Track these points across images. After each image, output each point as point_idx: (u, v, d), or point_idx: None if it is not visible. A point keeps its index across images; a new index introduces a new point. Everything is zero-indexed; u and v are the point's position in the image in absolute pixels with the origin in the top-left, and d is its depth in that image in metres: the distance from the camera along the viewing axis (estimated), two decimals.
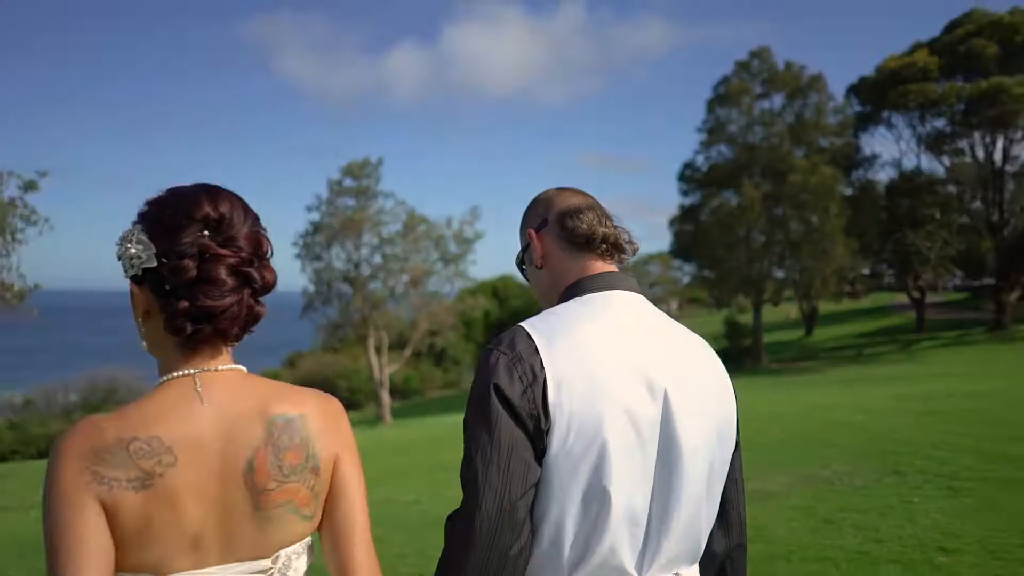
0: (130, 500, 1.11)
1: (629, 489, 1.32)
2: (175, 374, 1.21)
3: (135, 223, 1.22)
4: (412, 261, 23.74)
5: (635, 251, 1.57)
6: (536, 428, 1.30)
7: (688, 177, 36.63)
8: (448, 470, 10.59)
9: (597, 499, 1.30)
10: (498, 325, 41.64)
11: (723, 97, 34.91)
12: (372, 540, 1.31)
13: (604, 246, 1.52)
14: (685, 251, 37.05)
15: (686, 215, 36.53)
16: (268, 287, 1.25)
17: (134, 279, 1.22)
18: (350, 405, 35.87)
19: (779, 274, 35.79)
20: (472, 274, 25.77)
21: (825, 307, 44.05)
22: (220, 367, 1.23)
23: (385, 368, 24.76)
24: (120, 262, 1.20)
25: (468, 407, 1.35)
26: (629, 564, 1.34)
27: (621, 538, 1.32)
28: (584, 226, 1.51)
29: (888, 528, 5.79)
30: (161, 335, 1.22)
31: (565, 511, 1.31)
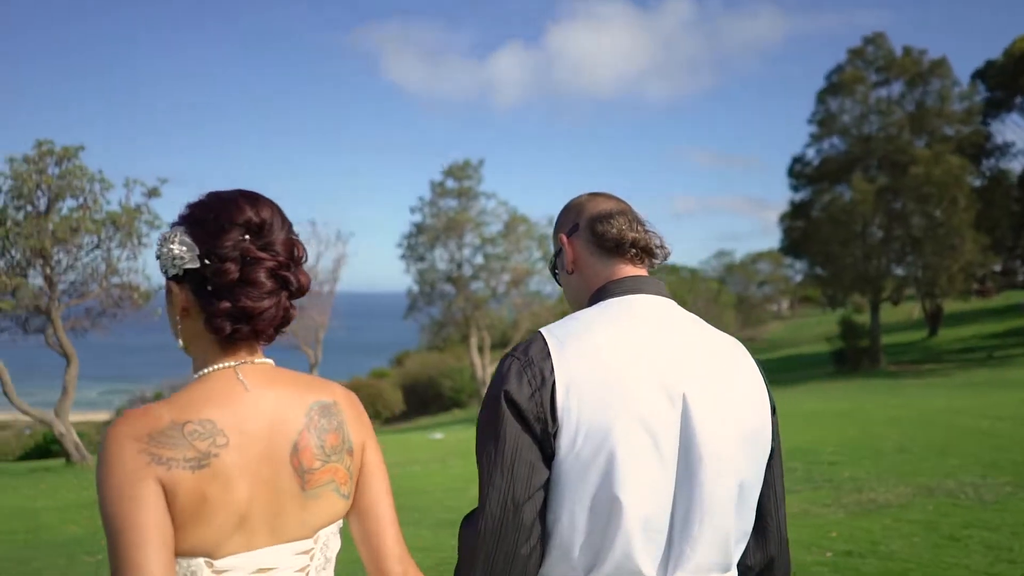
0: (187, 480, 1.15)
1: (643, 494, 1.31)
2: (216, 366, 1.26)
3: (176, 224, 1.27)
4: (513, 261, 23.82)
5: (666, 256, 1.58)
6: (543, 431, 1.31)
7: (798, 172, 35.27)
8: None
9: (606, 503, 1.30)
10: None
11: (835, 87, 33.37)
12: (398, 522, 1.41)
13: (634, 250, 1.53)
14: (796, 248, 35.71)
15: (797, 211, 35.20)
16: (302, 290, 1.30)
17: (174, 278, 1.26)
18: (454, 404, 36.35)
19: (899, 271, 33.94)
20: None
21: (951, 306, 41.48)
22: (256, 360, 1.29)
23: (487, 367, 24.95)
24: (159, 260, 1.25)
25: (480, 411, 1.38)
26: (649, 569, 1.33)
27: (636, 543, 1.31)
28: (614, 231, 1.52)
29: None
30: (198, 332, 1.28)
31: (575, 514, 1.31)
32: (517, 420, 1.32)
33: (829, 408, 16.08)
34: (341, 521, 1.37)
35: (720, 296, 50.37)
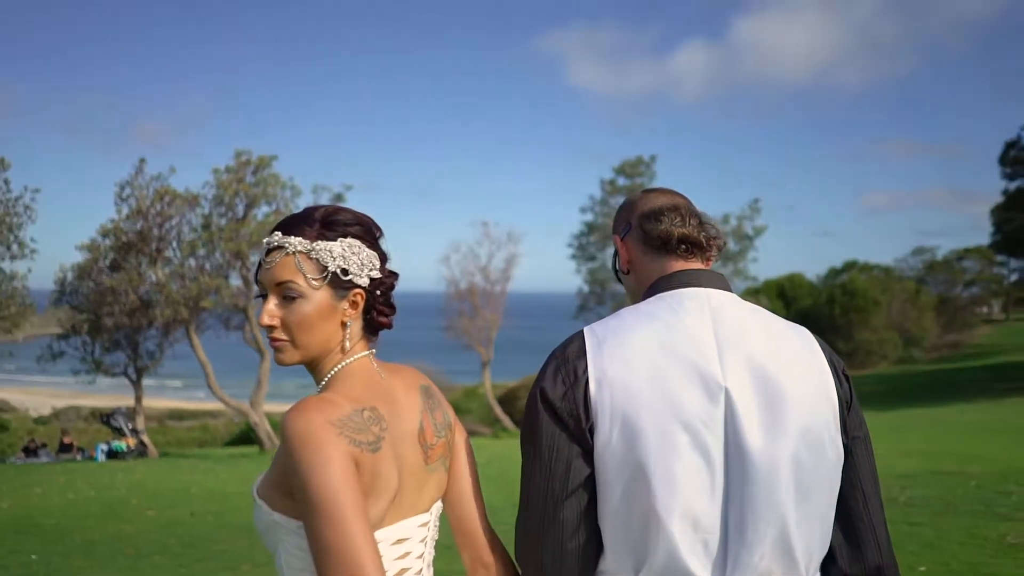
0: (368, 461, 1.24)
1: (683, 492, 1.28)
2: (361, 354, 1.39)
3: (343, 236, 1.37)
4: None
5: (720, 248, 1.55)
6: (578, 428, 1.32)
7: (1013, 159, 31.62)
8: None
9: (642, 500, 1.29)
10: None
11: None
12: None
13: (683, 246, 1.50)
14: (1011, 243, 32.04)
15: (1012, 202, 31.55)
16: None
17: (352, 283, 1.36)
18: None
19: None
20: (753, 272, 24.24)
21: None
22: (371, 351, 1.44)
23: None
24: (348, 267, 1.35)
25: (524, 414, 1.41)
26: (700, 571, 1.29)
27: (681, 543, 1.28)
28: (661, 228, 1.50)
29: None
30: (338, 327, 1.38)
31: (615, 511, 1.32)
32: (552, 418, 1.34)
33: None
34: None
35: (919, 297, 46.17)
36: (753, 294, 28.56)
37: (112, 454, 19.00)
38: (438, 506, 1.44)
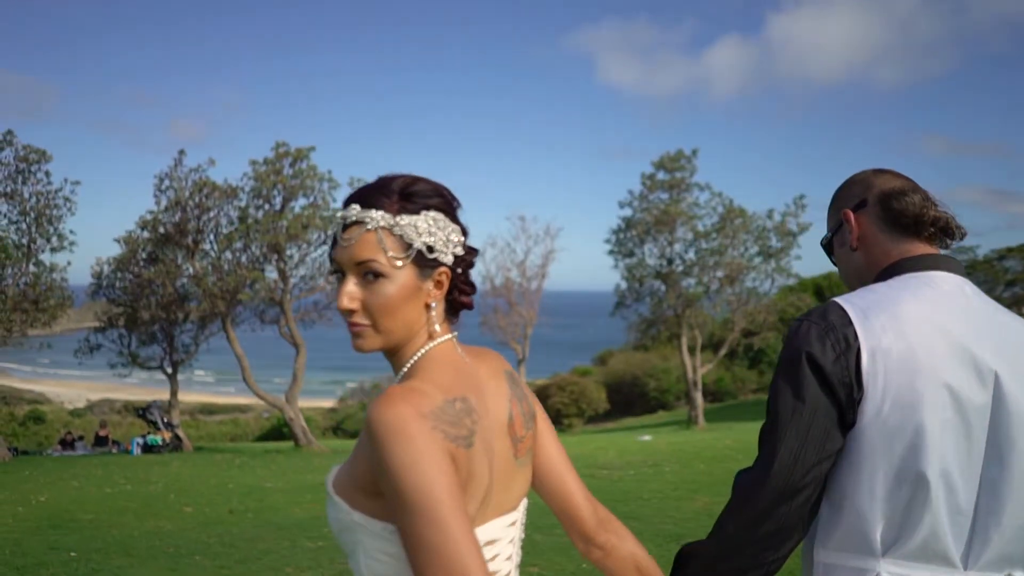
0: (462, 456, 1.14)
1: (951, 474, 1.28)
2: (444, 338, 1.27)
3: (425, 209, 1.23)
4: (728, 256, 22.42)
5: (963, 236, 1.50)
6: (848, 397, 1.30)
7: None
8: None
9: (912, 478, 1.28)
10: None
11: None
12: None
13: (932, 229, 1.47)
14: None
15: None
16: None
17: (437, 261, 1.24)
18: (659, 405, 35.37)
19: None
20: (795, 270, 23.64)
21: None
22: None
23: (699, 368, 23.77)
24: (433, 243, 1.23)
25: (776, 373, 1.36)
26: (954, 553, 1.30)
27: (943, 524, 1.28)
28: (912, 208, 1.46)
29: None
30: (421, 309, 1.26)
31: (875, 485, 1.29)
32: (820, 384, 1.31)
33: None
34: None
35: None
36: (792, 291, 27.91)
37: (147, 448, 19.01)
38: (525, 503, 1.35)
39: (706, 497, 8.85)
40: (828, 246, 1.63)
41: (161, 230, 19.19)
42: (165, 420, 19.81)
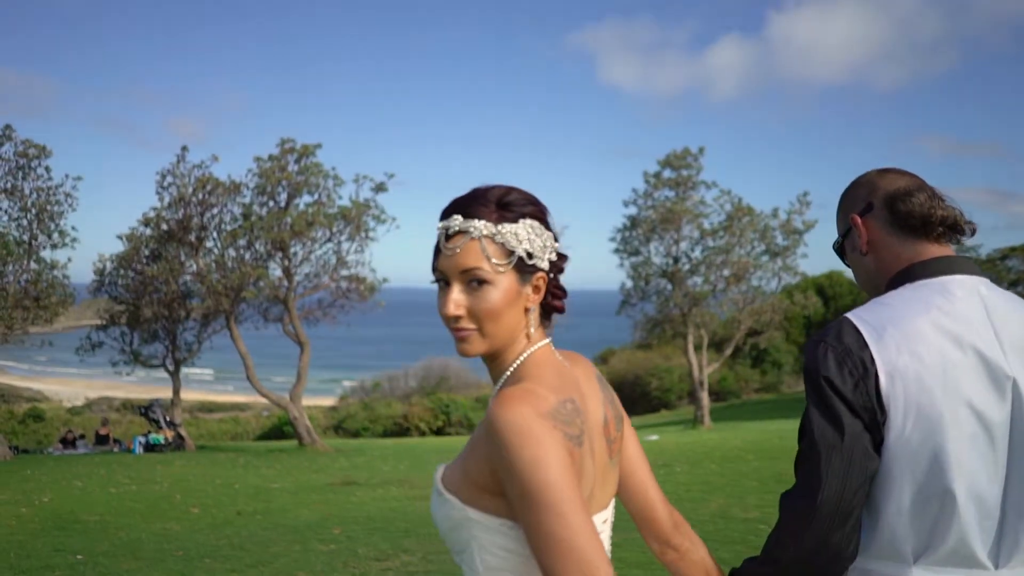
0: (576, 454, 1.19)
1: (978, 484, 1.31)
2: (543, 342, 1.32)
3: (522, 217, 1.28)
4: (735, 255, 22.26)
5: (973, 231, 1.48)
6: (872, 420, 1.32)
7: None
8: (790, 484, 9.35)
9: (938, 490, 1.30)
10: (820, 325, 38.50)
11: None
12: None
13: (940, 228, 1.45)
14: None
15: None
16: None
17: (536, 267, 1.29)
18: (662, 404, 35.23)
19: None
20: (802, 268, 23.49)
21: None
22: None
23: (705, 368, 23.61)
24: (532, 249, 1.28)
25: (808, 397, 1.37)
26: (983, 555, 1.33)
27: (971, 529, 1.31)
28: (918, 208, 1.45)
29: None
30: (522, 314, 1.30)
31: (903, 501, 1.32)
32: (847, 409, 1.32)
33: None
34: None
35: None
36: (802, 290, 27.73)
37: (150, 447, 18.83)
38: (614, 502, 1.40)
39: (720, 499, 8.68)
40: (840, 250, 1.63)
41: (164, 227, 19.00)
42: (167, 419, 19.63)
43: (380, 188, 19.06)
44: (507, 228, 1.27)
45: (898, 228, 1.47)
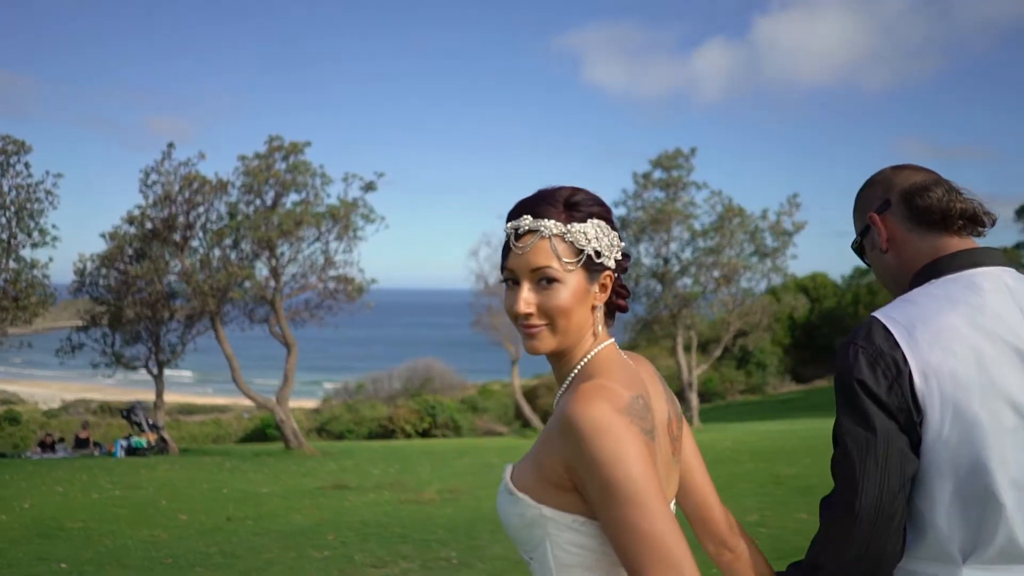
0: (650, 450, 1.20)
1: (1018, 475, 1.29)
2: (609, 341, 1.35)
3: (589, 217, 1.31)
4: (725, 256, 22.21)
5: (993, 222, 1.48)
6: (908, 421, 1.31)
7: None
8: (787, 487, 9.26)
9: (982, 493, 1.29)
10: (804, 326, 38.61)
11: None
12: None
13: (961, 222, 1.44)
14: None
15: None
16: None
17: (603, 265, 1.31)
18: None
19: None
20: (791, 270, 23.52)
21: None
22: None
23: (694, 369, 23.54)
24: (600, 248, 1.30)
25: (838, 401, 1.36)
26: None
27: (1018, 526, 1.29)
28: (937, 203, 1.44)
29: None
30: (589, 312, 1.32)
31: (948, 501, 1.31)
32: (881, 412, 1.31)
33: None
34: None
35: None
36: (791, 291, 27.73)
37: (131, 450, 18.46)
38: (674, 501, 1.40)
39: None
40: (859, 249, 1.63)
41: (149, 225, 18.60)
42: (150, 422, 19.25)
43: (370, 187, 18.79)
44: (576, 227, 1.29)
45: (917, 223, 1.47)
